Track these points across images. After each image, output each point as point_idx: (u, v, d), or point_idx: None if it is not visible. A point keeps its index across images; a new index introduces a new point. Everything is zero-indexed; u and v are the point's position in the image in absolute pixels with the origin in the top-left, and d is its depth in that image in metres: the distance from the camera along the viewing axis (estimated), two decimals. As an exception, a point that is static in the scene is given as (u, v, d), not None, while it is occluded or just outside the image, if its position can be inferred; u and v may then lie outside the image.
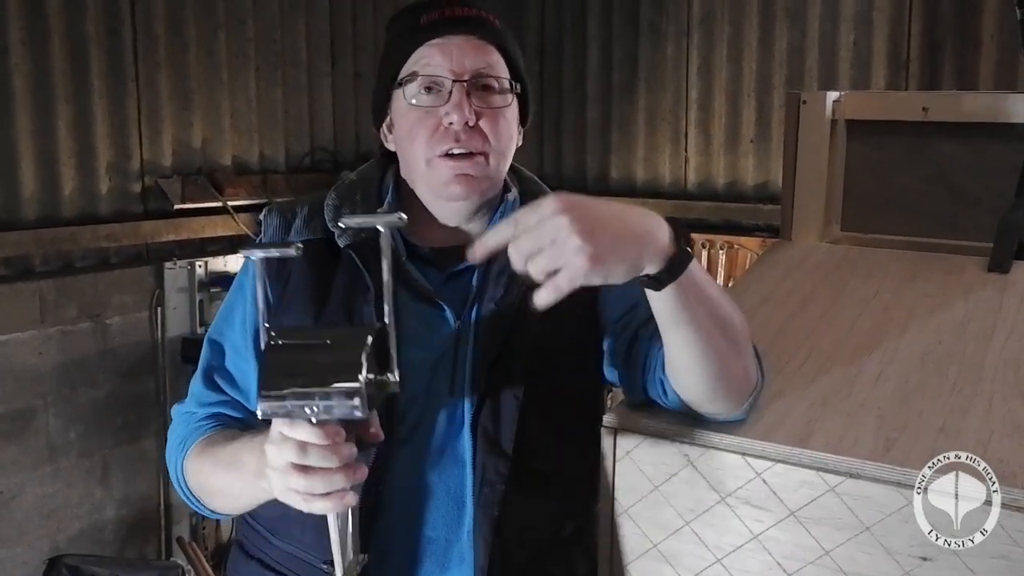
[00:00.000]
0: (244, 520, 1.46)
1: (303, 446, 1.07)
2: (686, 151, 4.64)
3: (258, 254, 1.10)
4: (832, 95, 1.98)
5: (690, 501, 1.26)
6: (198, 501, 1.40)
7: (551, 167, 4.98)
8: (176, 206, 3.81)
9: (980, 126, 1.88)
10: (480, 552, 1.31)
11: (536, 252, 1.00)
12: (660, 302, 1.11)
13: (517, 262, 1.01)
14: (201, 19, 3.88)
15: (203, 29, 3.90)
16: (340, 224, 1.11)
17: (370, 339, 1.06)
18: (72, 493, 3.65)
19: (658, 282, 1.07)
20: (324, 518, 1.32)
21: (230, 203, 3.93)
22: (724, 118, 4.51)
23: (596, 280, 1.01)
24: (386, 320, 1.09)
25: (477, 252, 1.05)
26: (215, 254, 4.00)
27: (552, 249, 0.99)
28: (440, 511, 1.34)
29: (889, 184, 1.99)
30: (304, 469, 1.07)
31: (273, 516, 1.37)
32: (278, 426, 1.09)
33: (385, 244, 1.07)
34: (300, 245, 1.08)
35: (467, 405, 1.33)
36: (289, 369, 1.06)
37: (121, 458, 3.79)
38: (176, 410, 1.46)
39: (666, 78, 4.65)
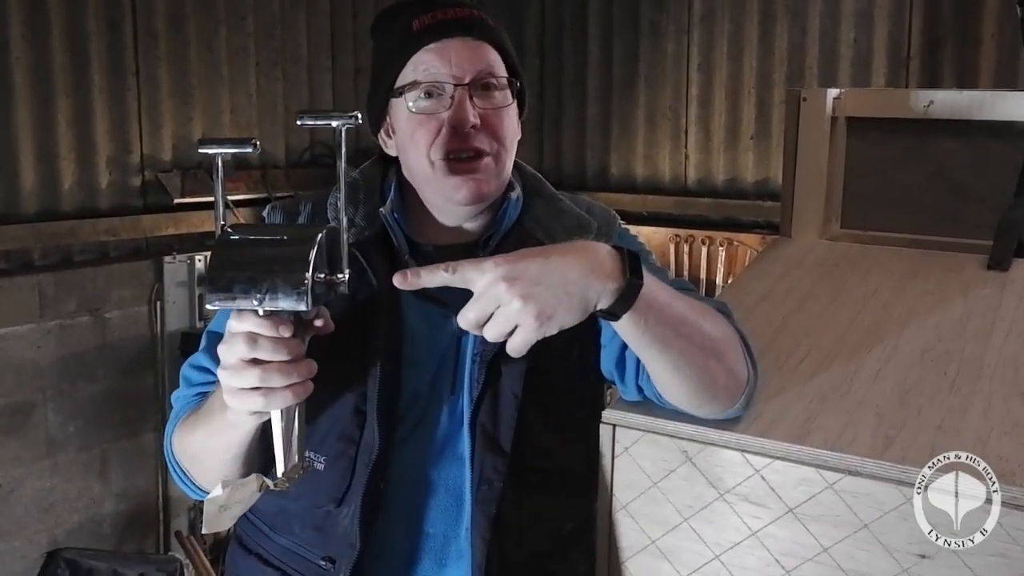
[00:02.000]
0: (243, 515, 1.46)
1: (252, 337, 1.08)
2: (686, 148, 4.64)
3: (216, 149, 1.10)
4: (832, 92, 1.98)
5: (689, 498, 1.26)
6: (188, 476, 1.38)
7: (551, 164, 4.99)
8: (176, 200, 3.81)
9: (981, 124, 1.87)
10: (478, 549, 1.31)
11: (485, 320, 1.05)
12: (622, 329, 1.13)
13: (468, 328, 1.07)
14: (201, 15, 3.88)
15: (203, 24, 3.90)
16: (298, 122, 1.14)
17: (320, 236, 1.07)
18: (71, 487, 3.65)
19: (613, 315, 1.10)
20: (327, 516, 1.32)
21: (230, 198, 3.93)
22: (724, 115, 4.51)
23: (552, 331, 1.07)
24: (343, 224, 1.11)
25: (409, 280, 1.07)
26: (214, 249, 4.00)
27: (499, 315, 1.05)
28: (439, 508, 1.34)
29: (889, 181, 1.99)
30: (257, 363, 1.08)
31: (272, 512, 1.37)
32: (228, 326, 1.10)
33: (340, 142, 1.10)
34: (257, 142, 1.10)
35: (466, 402, 1.33)
36: (238, 261, 1.07)
37: (120, 452, 3.79)
38: (173, 396, 1.47)
39: (666, 75, 4.65)
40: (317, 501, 1.32)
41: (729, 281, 4.33)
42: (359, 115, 1.09)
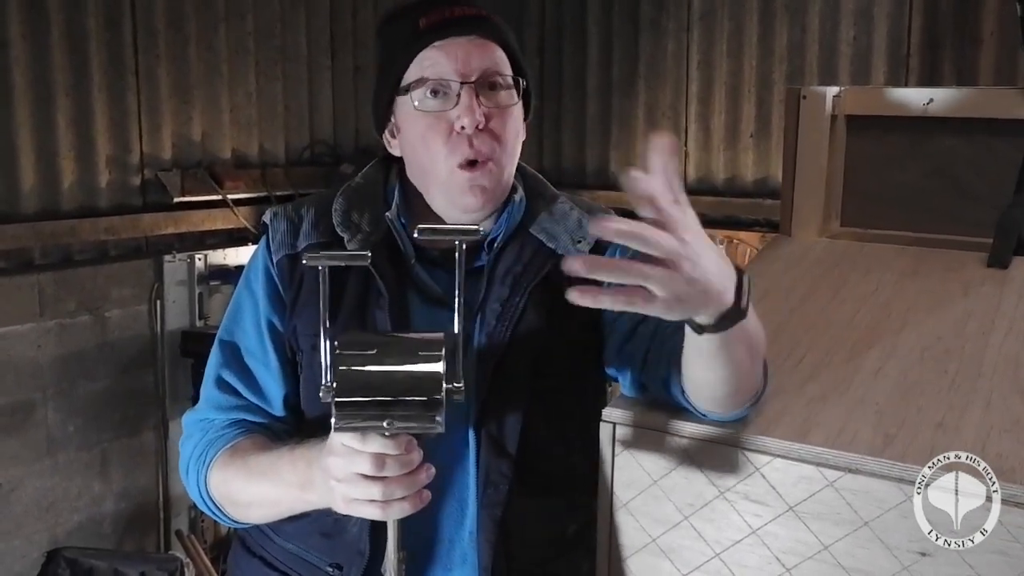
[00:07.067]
0: None
1: (379, 459, 1.07)
2: (686, 146, 4.64)
3: (325, 263, 1.07)
4: (832, 90, 1.97)
5: (689, 495, 1.26)
6: (221, 511, 1.37)
7: (551, 162, 4.98)
8: (175, 199, 3.81)
9: (981, 122, 1.87)
10: (483, 553, 1.31)
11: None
12: (700, 340, 1.08)
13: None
14: (201, 13, 3.88)
15: (203, 23, 3.90)
16: (416, 234, 1.11)
17: (444, 350, 1.04)
18: (71, 486, 3.65)
19: (700, 328, 1.05)
20: (335, 523, 1.31)
21: (230, 196, 3.93)
22: (724, 114, 4.51)
23: (655, 312, 0.98)
24: (460, 332, 1.08)
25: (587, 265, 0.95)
26: (214, 247, 4.01)
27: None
28: (445, 512, 1.34)
29: (889, 179, 1.99)
30: (378, 479, 1.08)
31: None
32: (342, 439, 1.08)
33: (460, 255, 1.08)
34: (369, 255, 1.09)
35: (472, 406, 1.32)
36: (363, 381, 1.03)
37: (120, 451, 3.79)
38: (189, 419, 1.43)
39: (666, 74, 4.64)
40: (327, 509, 1.31)
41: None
42: (480, 229, 1.11)
